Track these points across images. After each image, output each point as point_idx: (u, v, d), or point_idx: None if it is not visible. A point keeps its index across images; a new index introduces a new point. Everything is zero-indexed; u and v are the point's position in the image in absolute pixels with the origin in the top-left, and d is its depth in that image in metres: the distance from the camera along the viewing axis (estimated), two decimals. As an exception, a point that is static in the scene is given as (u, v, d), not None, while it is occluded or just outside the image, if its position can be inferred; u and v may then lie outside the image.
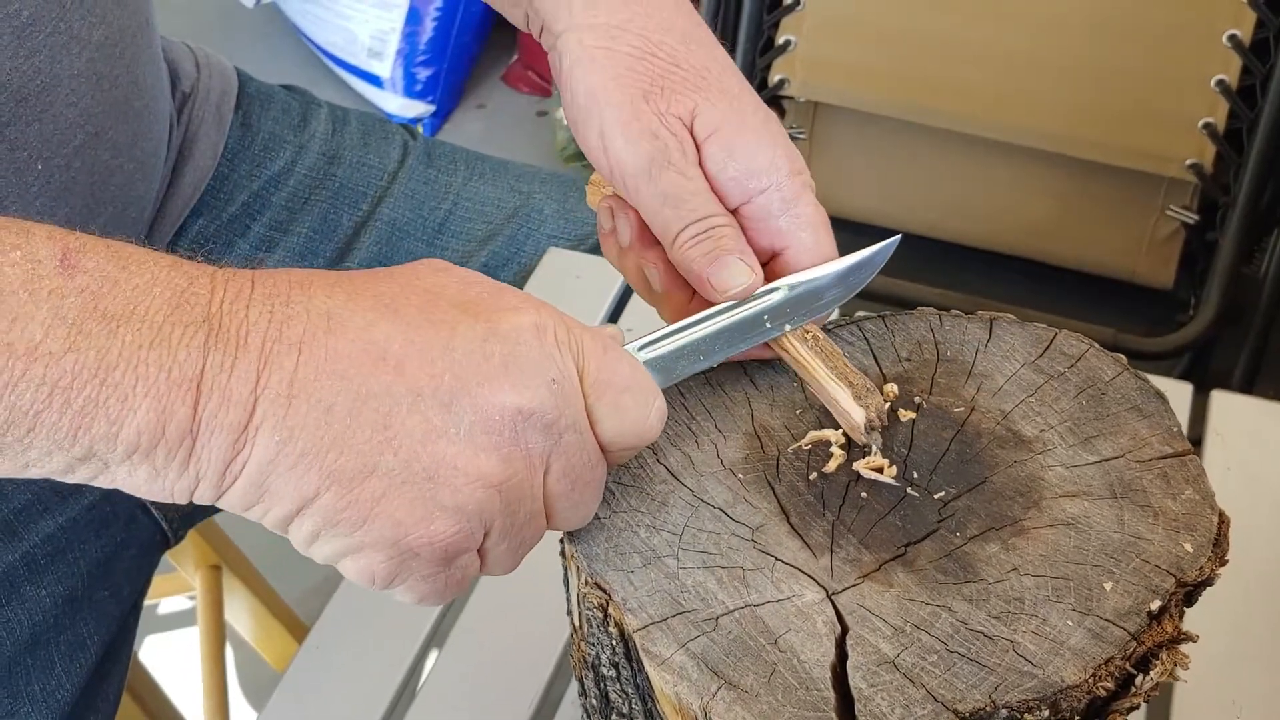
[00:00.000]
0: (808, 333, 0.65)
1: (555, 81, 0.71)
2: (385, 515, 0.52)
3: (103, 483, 0.52)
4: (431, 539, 0.53)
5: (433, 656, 0.86)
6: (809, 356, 0.64)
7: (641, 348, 0.62)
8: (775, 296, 0.65)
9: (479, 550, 0.56)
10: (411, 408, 0.52)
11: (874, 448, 0.62)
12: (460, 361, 0.53)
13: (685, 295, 0.68)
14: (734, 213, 0.66)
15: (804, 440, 0.63)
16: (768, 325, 0.64)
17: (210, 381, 0.50)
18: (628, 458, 0.59)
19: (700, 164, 0.66)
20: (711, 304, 0.64)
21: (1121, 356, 0.66)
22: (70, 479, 0.52)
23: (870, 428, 0.62)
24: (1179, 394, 0.94)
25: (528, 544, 0.57)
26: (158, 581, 1.07)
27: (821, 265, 0.66)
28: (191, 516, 1.05)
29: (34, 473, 0.51)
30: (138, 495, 0.53)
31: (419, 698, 0.83)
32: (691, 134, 0.66)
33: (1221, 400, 0.95)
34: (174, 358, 0.50)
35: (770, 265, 0.67)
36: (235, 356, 0.51)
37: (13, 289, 0.49)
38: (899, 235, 0.68)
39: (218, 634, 1.39)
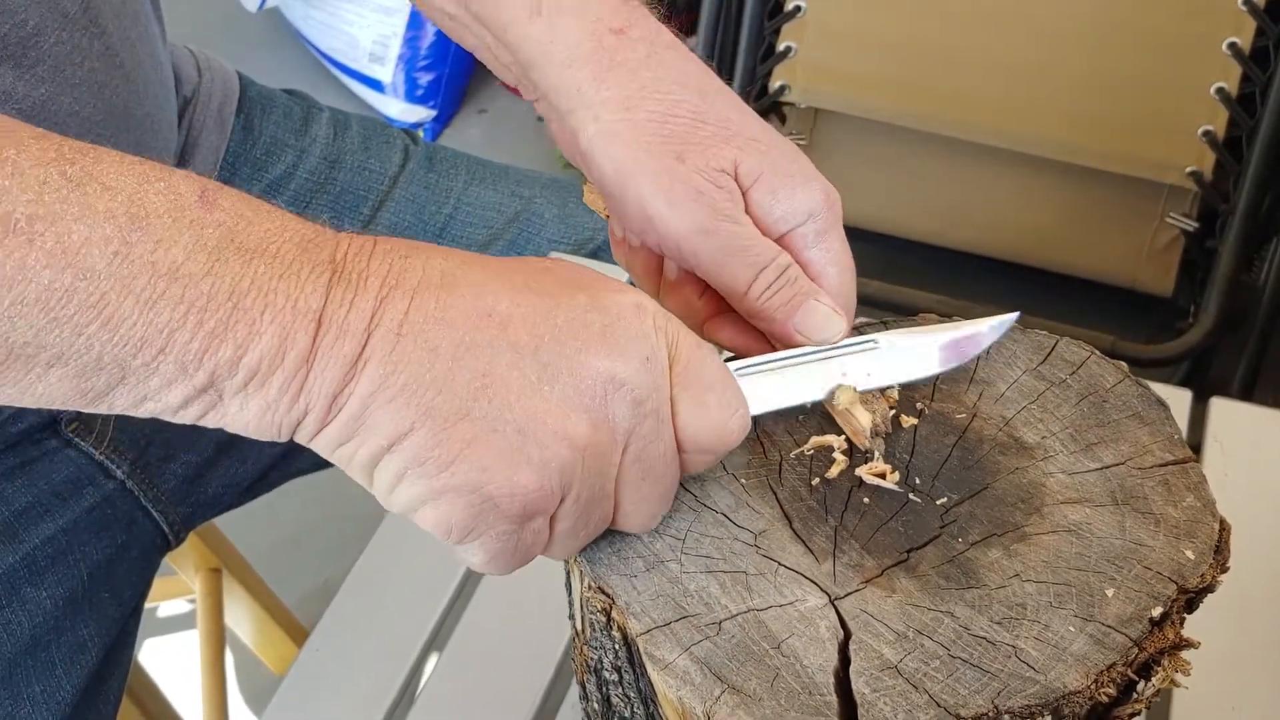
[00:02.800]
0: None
1: (564, 153, 0.70)
2: (472, 459, 0.53)
3: (211, 420, 0.54)
4: (513, 490, 0.54)
5: (432, 660, 0.86)
6: None
7: (735, 371, 0.61)
8: (876, 349, 0.64)
9: (550, 519, 0.56)
10: (511, 363, 0.54)
11: (876, 453, 0.62)
12: (561, 325, 0.55)
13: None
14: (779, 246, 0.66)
15: (806, 445, 0.63)
16: (868, 376, 0.64)
17: (330, 315, 0.52)
18: (703, 466, 0.59)
19: (747, 210, 0.65)
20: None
21: (1123, 364, 0.66)
22: (181, 417, 0.53)
23: (875, 433, 0.62)
24: (1178, 401, 0.94)
25: (592, 529, 0.58)
26: (158, 584, 1.07)
27: (928, 328, 0.65)
28: (191, 519, 1.05)
29: (147, 409, 0.53)
30: (244, 434, 0.54)
31: (419, 702, 0.83)
32: (737, 181, 0.65)
33: (1220, 407, 0.95)
34: (301, 290, 0.52)
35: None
36: (355, 294, 0.53)
37: (159, 213, 0.51)
38: (1016, 314, 0.67)
39: (217, 637, 1.39)
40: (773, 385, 0.63)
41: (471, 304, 0.54)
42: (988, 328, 0.66)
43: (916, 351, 0.65)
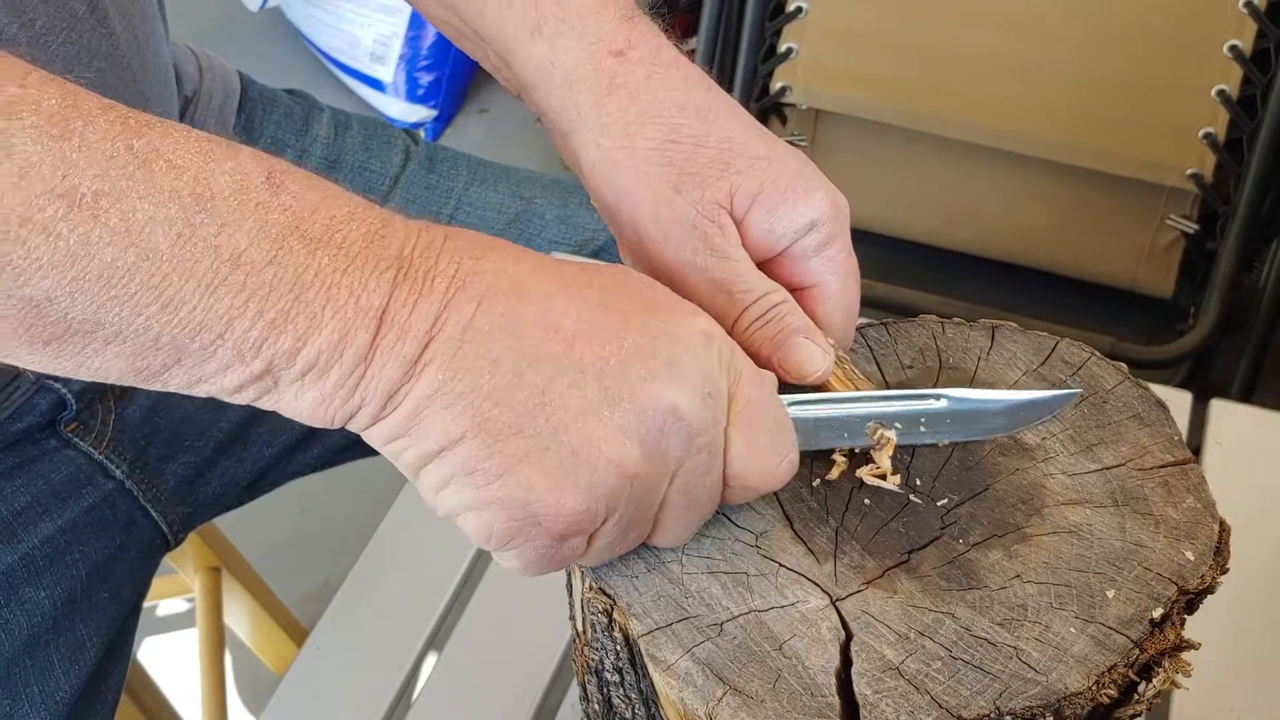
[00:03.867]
0: None
1: (570, 166, 0.69)
2: (521, 476, 0.53)
3: (266, 404, 0.53)
4: (559, 511, 0.53)
5: (431, 660, 0.86)
6: None
7: (791, 403, 0.61)
8: (939, 404, 0.63)
9: (589, 535, 0.56)
10: (573, 382, 0.53)
11: (892, 444, 0.62)
12: (628, 349, 0.54)
13: None
14: (774, 260, 0.65)
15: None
16: (921, 429, 0.62)
17: (393, 314, 0.51)
18: (742, 500, 0.59)
19: (744, 232, 0.65)
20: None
21: (1123, 365, 0.66)
22: (236, 399, 0.53)
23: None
24: (1178, 402, 0.94)
25: (628, 545, 0.57)
26: (157, 583, 1.07)
27: (996, 391, 0.63)
28: (191, 519, 1.05)
29: (202, 390, 0.52)
30: (297, 419, 0.54)
31: (417, 702, 0.83)
32: (732, 214, 0.65)
33: (1220, 409, 0.95)
34: (364, 286, 0.51)
35: (794, 297, 0.66)
36: (419, 294, 0.52)
37: (224, 195, 0.50)
38: (1079, 390, 0.65)
39: (217, 636, 1.39)
40: (827, 422, 0.61)
41: (539, 317, 0.53)
42: (1052, 397, 0.63)
43: (975, 411, 0.63)
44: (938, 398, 0.63)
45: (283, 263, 0.50)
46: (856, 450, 0.62)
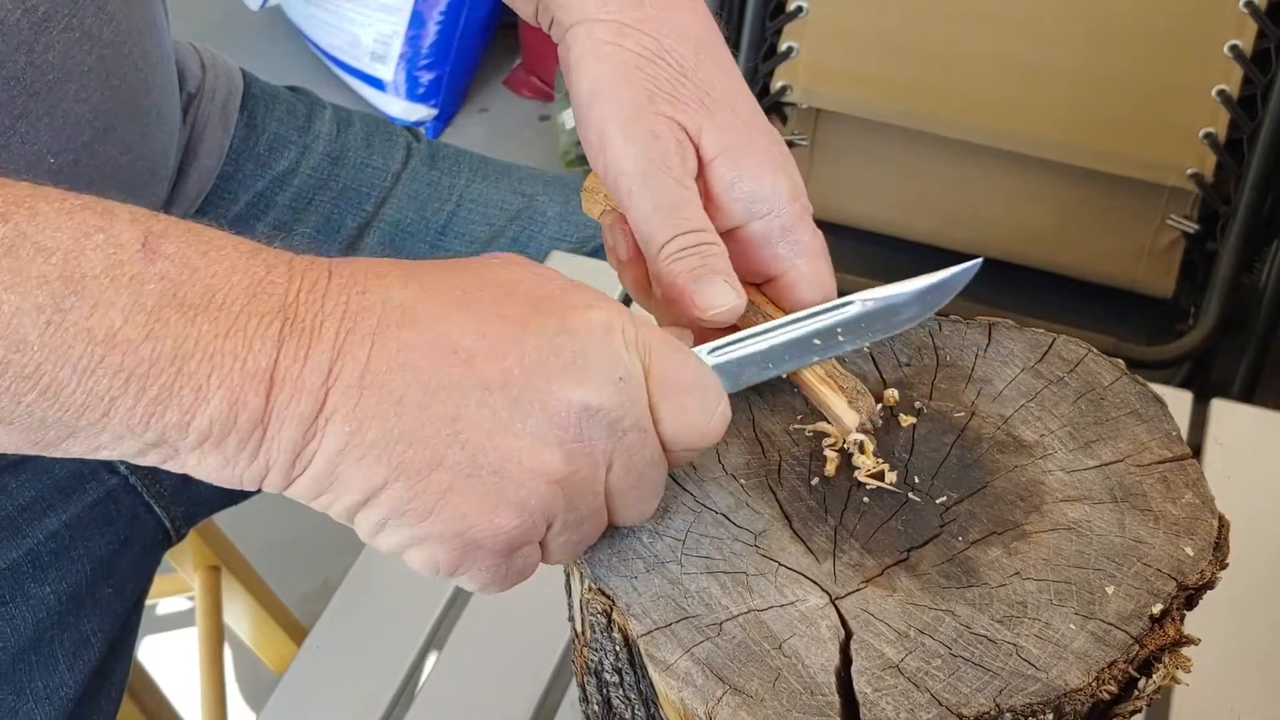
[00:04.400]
0: None
1: (563, 74, 0.70)
2: (451, 508, 0.53)
3: (173, 467, 0.52)
4: (495, 531, 0.53)
5: (431, 659, 0.86)
6: None
7: (710, 351, 0.61)
8: (850, 310, 0.64)
9: (541, 541, 0.56)
10: (480, 402, 0.52)
11: (868, 448, 0.62)
12: (530, 356, 0.53)
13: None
14: (733, 232, 0.66)
15: (808, 428, 0.63)
16: (840, 338, 0.63)
17: (284, 372, 0.51)
18: (689, 458, 0.59)
19: (706, 181, 0.65)
20: (691, 321, 0.63)
21: (1120, 361, 0.66)
22: (142, 461, 0.52)
23: (863, 430, 0.62)
24: (1179, 402, 0.94)
25: (589, 538, 0.58)
26: (157, 582, 1.07)
27: (901, 283, 0.65)
28: (193, 515, 1.05)
29: (105, 455, 0.52)
30: (208, 481, 0.53)
31: (417, 701, 0.83)
32: (697, 151, 0.65)
33: (1221, 409, 0.95)
34: (249, 348, 0.50)
35: (763, 289, 0.66)
36: (309, 347, 0.51)
37: (95, 274, 0.49)
38: (980, 259, 0.66)
39: (216, 635, 1.39)
40: (749, 360, 0.62)
41: (435, 341, 0.52)
42: (954, 274, 0.65)
43: (887, 306, 0.64)
44: (847, 304, 0.64)
45: (160, 336, 0.49)
46: (846, 446, 0.62)
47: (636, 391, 0.55)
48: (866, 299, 0.64)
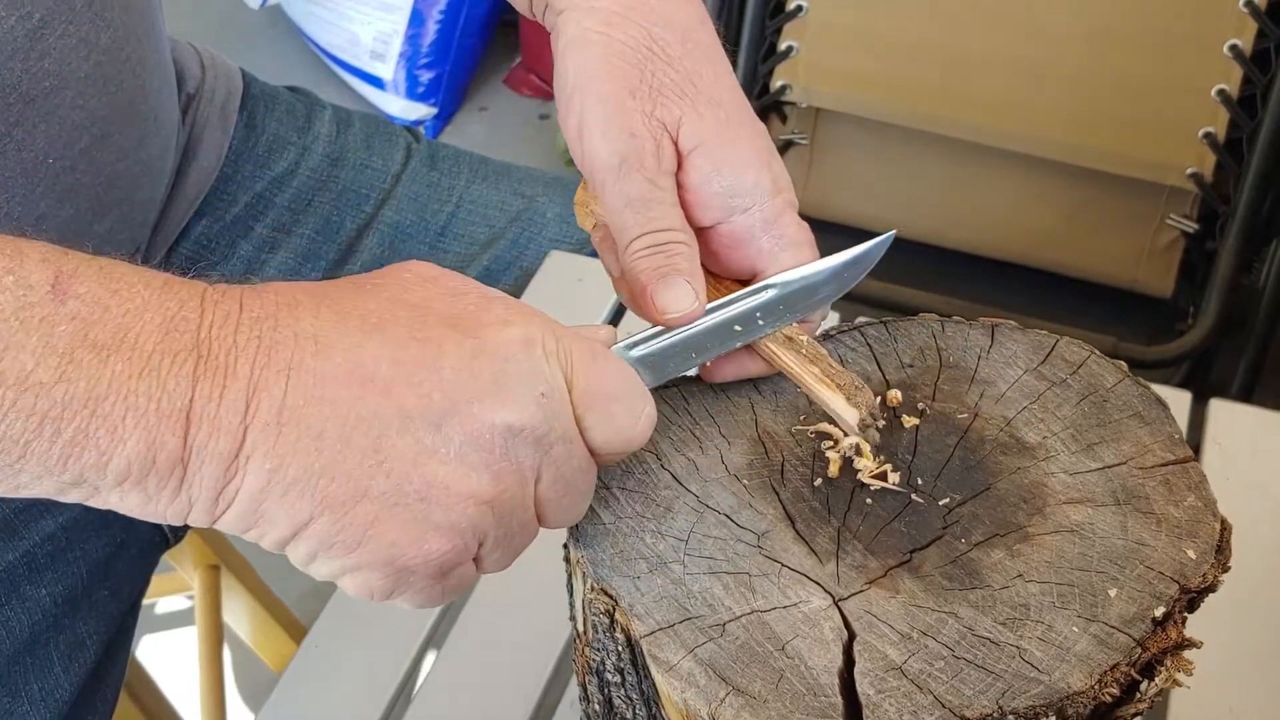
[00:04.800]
0: (790, 338, 0.64)
1: (553, 57, 0.69)
2: (379, 537, 0.52)
3: (96, 504, 0.52)
4: (426, 557, 0.53)
5: (430, 658, 0.86)
6: (794, 362, 0.64)
7: (631, 346, 0.62)
8: (768, 294, 0.64)
9: (475, 558, 0.56)
10: (401, 429, 0.52)
11: (866, 446, 0.62)
12: (449, 380, 0.53)
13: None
14: (715, 228, 0.65)
15: (810, 429, 0.63)
16: (760, 322, 0.63)
17: (200, 411, 0.50)
18: (618, 460, 0.60)
19: (683, 176, 0.65)
20: (652, 319, 0.63)
21: (1122, 364, 0.66)
22: (64, 499, 0.52)
23: (864, 426, 0.62)
24: (1178, 402, 0.94)
25: (522, 546, 0.58)
26: (156, 581, 1.07)
27: (815, 262, 0.65)
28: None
29: (27, 493, 0.51)
30: (132, 516, 0.53)
31: (416, 700, 0.83)
32: (676, 144, 0.65)
33: (1220, 409, 0.95)
34: (163, 387, 0.50)
35: (746, 284, 0.66)
36: (224, 384, 0.50)
37: (4, 316, 0.49)
38: (893, 232, 0.68)
39: (215, 634, 1.39)
40: (671, 351, 0.62)
41: (350, 372, 0.52)
42: (867, 249, 0.67)
43: (804, 287, 0.64)
44: (765, 289, 0.64)
45: (73, 378, 0.49)
46: (846, 450, 0.62)
47: (560, 405, 0.54)
48: (783, 281, 0.64)
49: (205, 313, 0.51)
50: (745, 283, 0.66)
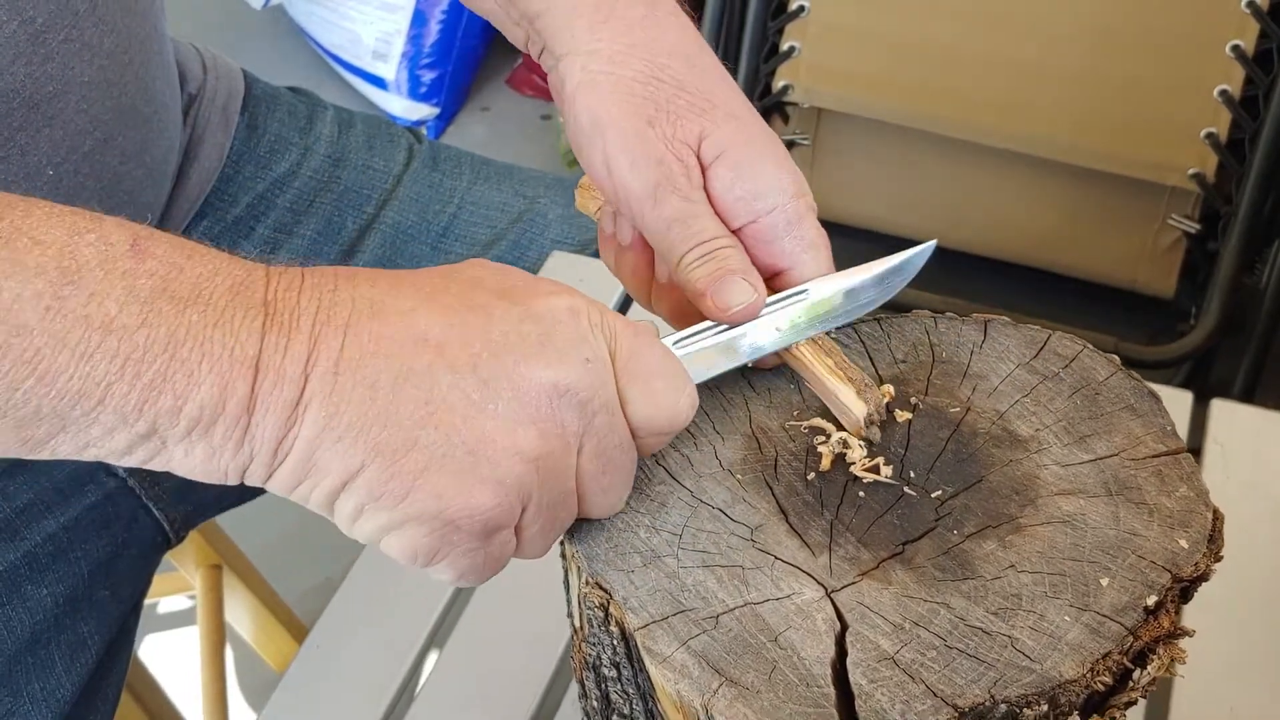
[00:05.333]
0: None
1: (556, 103, 0.71)
2: (427, 488, 0.54)
3: (158, 464, 0.54)
4: (472, 511, 0.54)
5: (432, 658, 0.86)
6: (809, 354, 0.64)
7: (675, 343, 0.63)
8: (811, 297, 0.65)
9: (516, 528, 0.57)
10: (451, 385, 0.54)
11: (861, 444, 0.62)
12: (497, 341, 0.55)
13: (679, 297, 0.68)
14: (738, 232, 0.66)
15: (804, 424, 0.63)
16: (801, 324, 0.65)
17: (267, 361, 0.52)
18: (658, 446, 0.60)
19: (708, 185, 0.66)
20: (719, 320, 0.64)
21: (1114, 357, 0.66)
22: (127, 461, 0.53)
23: (870, 422, 0.62)
24: (1179, 402, 0.94)
25: (560, 526, 0.58)
26: (158, 580, 1.07)
27: (857, 268, 0.66)
28: (192, 518, 1.05)
29: (91, 454, 0.53)
30: (192, 477, 0.54)
31: (418, 699, 0.83)
32: (698, 157, 0.66)
33: (1221, 409, 0.95)
34: (235, 337, 0.52)
35: (771, 283, 0.67)
36: (289, 338, 0.53)
37: (90, 266, 0.51)
38: (934, 242, 0.69)
39: (218, 634, 1.39)
40: (714, 350, 0.63)
41: (404, 332, 0.54)
42: (909, 257, 0.68)
43: (846, 291, 0.66)
44: (804, 292, 0.65)
45: (154, 324, 0.51)
46: (842, 446, 0.62)
47: (604, 373, 0.56)
48: (826, 286, 0.65)
49: (271, 280, 0.54)
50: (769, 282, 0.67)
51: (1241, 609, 0.82)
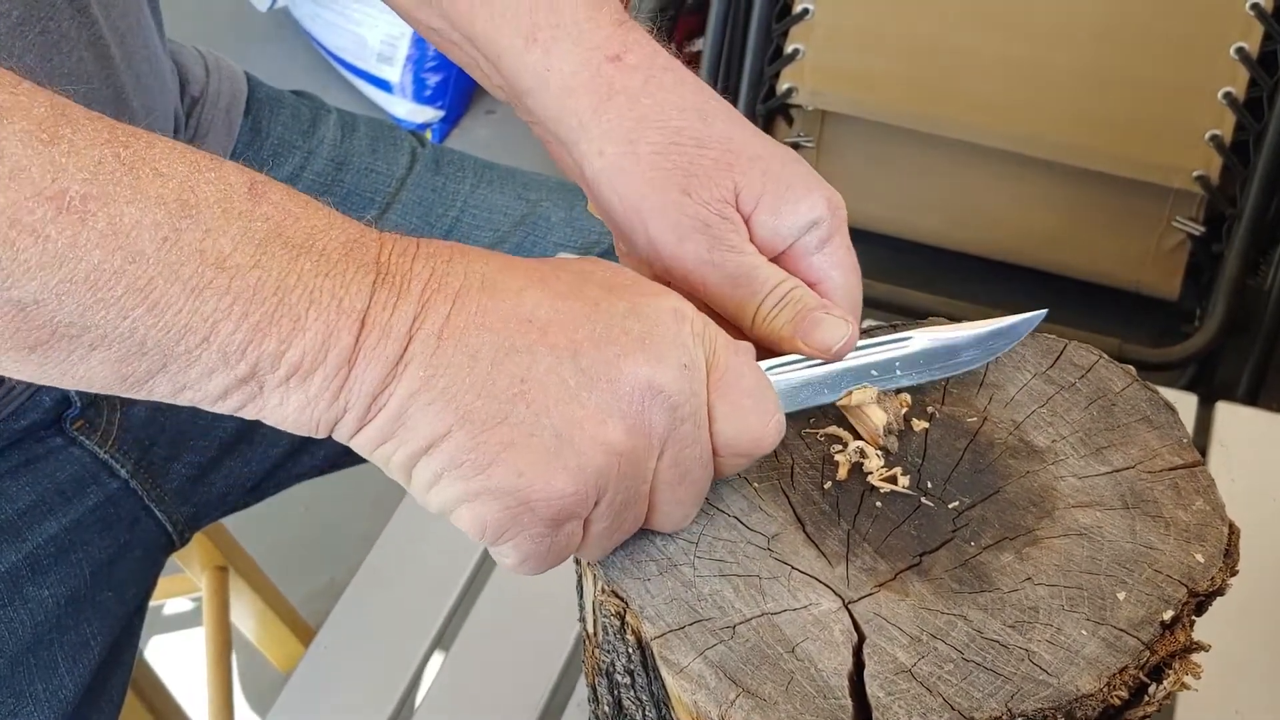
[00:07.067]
0: None
1: (577, 181, 0.70)
2: (509, 464, 0.54)
3: (250, 412, 0.54)
4: (549, 495, 0.54)
5: (438, 660, 0.86)
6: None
7: (770, 369, 0.62)
8: (912, 346, 0.65)
9: (585, 521, 0.56)
10: (550, 368, 0.54)
11: (879, 455, 0.62)
12: (600, 332, 0.55)
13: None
14: (777, 259, 0.66)
15: (820, 432, 0.63)
16: (898, 373, 0.64)
17: (374, 318, 0.53)
18: (736, 468, 0.60)
19: (750, 229, 0.66)
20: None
21: (1130, 368, 0.66)
22: (219, 407, 0.54)
23: (887, 431, 0.62)
24: (1184, 405, 0.94)
25: (625, 531, 0.58)
26: (164, 582, 1.07)
27: (964, 324, 0.66)
28: (196, 520, 1.05)
29: (186, 397, 0.53)
30: (282, 427, 0.54)
31: (424, 701, 0.83)
32: (737, 209, 0.66)
33: (1226, 411, 0.95)
34: (346, 290, 0.52)
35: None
36: (398, 298, 0.53)
37: (208, 203, 0.51)
38: (1045, 310, 0.68)
39: (223, 635, 1.39)
40: (807, 383, 0.63)
41: (512, 310, 0.54)
42: (1016, 322, 0.67)
43: (947, 346, 0.65)
44: (908, 339, 0.65)
45: (266, 267, 0.51)
46: (859, 455, 0.62)
47: (698, 382, 0.56)
48: (930, 337, 0.65)
49: (385, 244, 0.55)
50: None
51: (1247, 611, 0.82)
